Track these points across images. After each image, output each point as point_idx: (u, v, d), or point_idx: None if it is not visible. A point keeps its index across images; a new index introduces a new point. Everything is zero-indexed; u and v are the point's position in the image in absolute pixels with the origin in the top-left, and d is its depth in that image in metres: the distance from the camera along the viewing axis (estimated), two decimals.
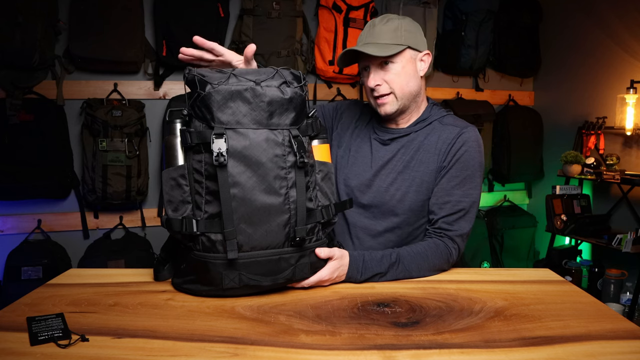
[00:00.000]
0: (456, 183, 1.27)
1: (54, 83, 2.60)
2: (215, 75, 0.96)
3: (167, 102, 2.76)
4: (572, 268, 2.91)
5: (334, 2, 2.88)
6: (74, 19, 2.48)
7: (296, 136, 0.99)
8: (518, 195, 3.67)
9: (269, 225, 0.97)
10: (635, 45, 2.83)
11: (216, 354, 0.77)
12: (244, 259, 0.96)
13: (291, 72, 1.03)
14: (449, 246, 1.24)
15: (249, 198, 0.94)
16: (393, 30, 1.26)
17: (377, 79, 1.28)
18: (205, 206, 0.97)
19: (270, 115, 0.97)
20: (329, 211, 1.07)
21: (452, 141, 1.28)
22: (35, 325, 0.84)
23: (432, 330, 0.86)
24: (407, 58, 1.28)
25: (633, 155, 2.87)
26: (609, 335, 0.85)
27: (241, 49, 2.73)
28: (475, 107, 3.27)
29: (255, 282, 0.98)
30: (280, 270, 1.00)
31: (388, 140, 1.36)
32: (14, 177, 2.42)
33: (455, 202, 1.26)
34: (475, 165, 1.28)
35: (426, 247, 1.22)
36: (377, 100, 1.31)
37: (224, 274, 0.97)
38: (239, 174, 0.94)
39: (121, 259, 2.55)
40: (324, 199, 1.08)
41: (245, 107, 0.95)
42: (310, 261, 1.05)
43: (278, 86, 0.98)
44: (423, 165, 1.30)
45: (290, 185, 0.98)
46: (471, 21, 3.12)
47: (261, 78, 0.97)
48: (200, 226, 0.96)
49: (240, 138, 0.94)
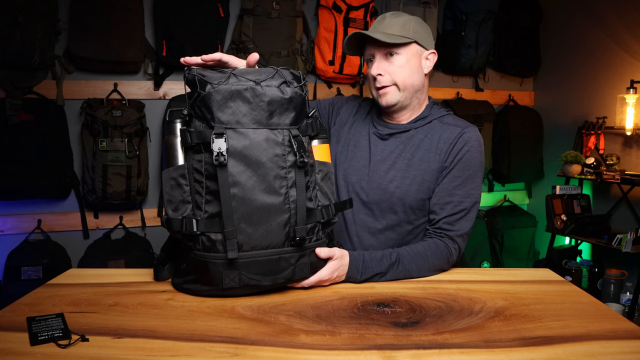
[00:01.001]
0: (458, 183, 1.27)
1: (54, 83, 2.60)
2: (216, 75, 0.96)
3: (167, 102, 2.76)
4: (572, 268, 2.91)
5: (334, 2, 2.88)
6: (74, 19, 2.47)
7: (296, 136, 0.99)
8: (518, 195, 3.67)
9: (269, 224, 0.97)
10: (635, 45, 2.83)
11: (216, 354, 0.77)
12: (244, 258, 0.96)
13: (291, 72, 1.03)
14: (449, 246, 1.24)
15: (249, 198, 0.94)
16: (402, 24, 1.28)
17: (380, 68, 1.29)
18: (206, 206, 0.97)
19: (270, 115, 0.97)
20: (329, 211, 1.07)
21: (454, 141, 1.28)
22: (35, 325, 0.84)
23: (432, 330, 0.86)
24: (412, 52, 1.29)
25: (633, 155, 2.87)
26: (609, 335, 0.85)
27: (241, 49, 2.74)
28: (475, 107, 3.27)
29: (255, 281, 0.98)
30: (280, 269, 1.00)
31: (387, 135, 1.36)
32: (14, 177, 2.42)
33: (457, 202, 1.26)
34: (477, 165, 1.28)
35: (426, 247, 1.22)
36: (378, 90, 1.32)
37: (224, 274, 0.97)
38: (239, 173, 0.94)
39: (121, 259, 2.55)
40: (324, 198, 1.08)
41: (245, 106, 0.95)
42: (310, 261, 1.05)
43: (278, 86, 0.98)
44: (424, 164, 1.30)
45: (290, 185, 0.98)
46: (471, 21, 3.12)
47: (261, 78, 0.97)
48: (200, 226, 0.96)
49: (240, 138, 0.94)
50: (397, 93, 1.30)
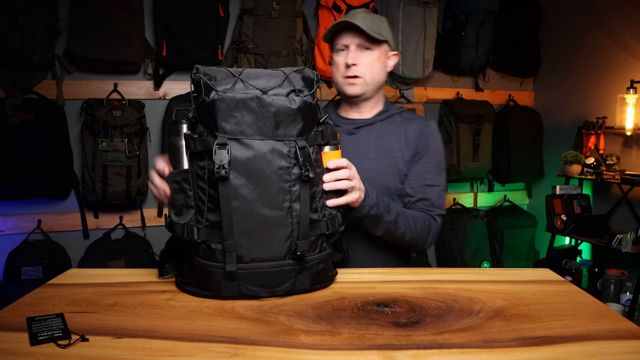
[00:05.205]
0: (429, 168, 1.36)
1: (54, 83, 2.60)
2: (222, 79, 0.93)
3: (167, 102, 2.76)
4: (572, 268, 2.91)
5: (334, 2, 2.88)
6: (74, 19, 2.47)
7: (303, 147, 0.95)
8: (518, 195, 3.67)
9: (270, 238, 0.95)
10: (635, 45, 2.83)
11: (216, 354, 0.77)
12: (244, 269, 0.95)
13: (303, 78, 0.98)
14: (432, 220, 1.32)
15: (250, 211, 0.93)
16: (378, 23, 1.35)
17: (355, 58, 1.33)
18: (208, 214, 0.96)
19: (277, 126, 0.93)
20: (334, 222, 1.04)
21: (421, 132, 1.38)
22: (35, 325, 0.84)
23: (432, 330, 0.86)
24: (382, 51, 1.36)
25: (633, 155, 2.87)
26: (609, 335, 0.85)
27: (241, 49, 2.74)
28: (475, 107, 3.26)
29: (254, 292, 0.97)
30: (280, 282, 0.99)
31: (354, 129, 1.40)
32: (14, 177, 2.42)
33: (430, 184, 1.35)
34: (442, 153, 1.41)
35: (418, 214, 1.30)
36: (347, 79, 1.35)
37: (223, 283, 0.96)
38: (241, 186, 0.92)
39: (121, 259, 2.55)
40: (331, 208, 1.05)
41: (250, 116, 0.92)
42: (312, 273, 1.02)
43: (286, 95, 0.94)
44: (398, 153, 1.37)
45: (294, 199, 0.95)
46: (471, 21, 3.12)
47: (270, 85, 0.94)
48: (201, 234, 0.96)
49: (243, 149, 0.92)
50: (365, 85, 1.36)
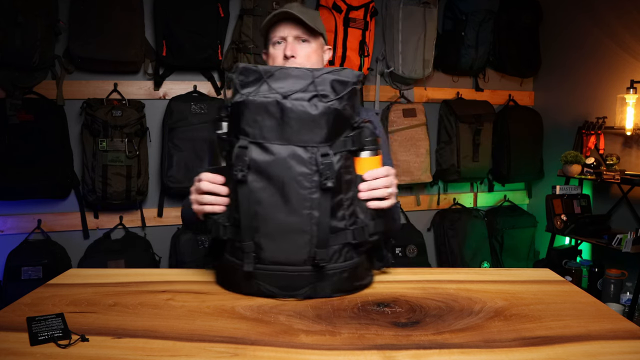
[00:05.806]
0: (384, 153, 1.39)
1: (54, 83, 2.59)
2: (250, 79, 0.94)
3: (167, 102, 2.76)
4: (572, 268, 2.91)
5: (334, 2, 2.88)
6: (74, 19, 2.47)
7: (325, 155, 0.92)
8: (518, 195, 3.67)
9: (289, 243, 0.95)
10: (635, 45, 2.83)
11: (216, 354, 0.77)
12: (263, 270, 0.97)
13: (335, 80, 0.93)
14: None
15: (270, 215, 0.93)
16: (314, 15, 1.34)
17: (294, 50, 1.28)
18: (235, 213, 0.98)
19: (298, 132, 0.91)
20: (362, 232, 0.99)
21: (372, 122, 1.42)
22: (35, 325, 0.84)
23: (432, 330, 0.86)
24: (319, 43, 1.35)
25: (633, 155, 2.86)
26: (609, 335, 0.85)
27: (241, 49, 2.74)
28: (475, 107, 3.26)
29: (272, 293, 0.99)
30: (298, 286, 0.98)
31: None
32: (14, 177, 2.42)
33: None
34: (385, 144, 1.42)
35: None
36: None
37: (243, 281, 0.99)
38: (260, 190, 0.92)
39: (121, 259, 2.55)
40: (364, 215, 1.01)
41: (271, 121, 0.91)
42: (334, 280, 0.99)
43: (309, 100, 0.92)
44: None
45: (314, 206, 0.93)
46: (471, 21, 3.11)
47: (294, 88, 0.92)
48: (227, 232, 0.99)
49: (264, 153, 0.92)
50: None
